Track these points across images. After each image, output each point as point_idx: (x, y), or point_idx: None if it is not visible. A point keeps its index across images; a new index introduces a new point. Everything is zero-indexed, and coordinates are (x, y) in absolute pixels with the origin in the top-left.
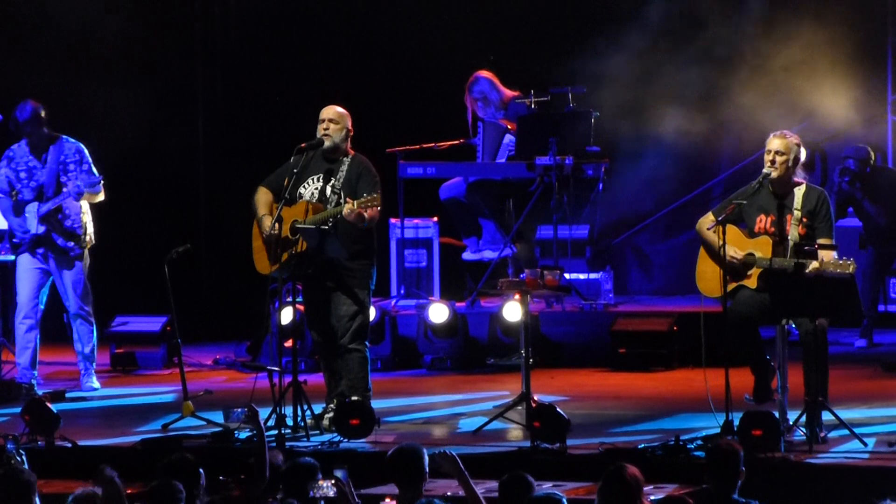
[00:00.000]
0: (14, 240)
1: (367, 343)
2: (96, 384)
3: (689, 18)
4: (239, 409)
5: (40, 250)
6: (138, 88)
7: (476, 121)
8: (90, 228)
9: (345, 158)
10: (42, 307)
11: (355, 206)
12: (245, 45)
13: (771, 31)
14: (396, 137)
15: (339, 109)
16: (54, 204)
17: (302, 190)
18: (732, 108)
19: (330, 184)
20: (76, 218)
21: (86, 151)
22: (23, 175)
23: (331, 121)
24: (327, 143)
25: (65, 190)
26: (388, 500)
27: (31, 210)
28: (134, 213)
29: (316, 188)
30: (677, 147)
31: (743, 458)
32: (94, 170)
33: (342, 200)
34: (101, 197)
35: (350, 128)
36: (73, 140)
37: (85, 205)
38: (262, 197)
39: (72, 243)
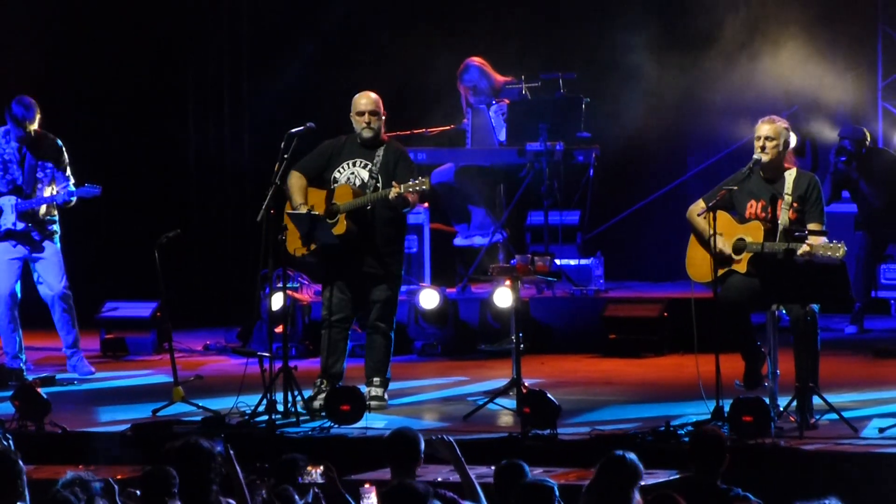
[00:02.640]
0: None
1: (394, 327)
2: (91, 367)
3: (678, 4)
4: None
5: (13, 241)
6: (131, 73)
7: (469, 106)
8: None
9: (381, 144)
10: (19, 295)
11: (402, 190)
12: (236, 27)
13: (760, 15)
14: (387, 123)
15: (375, 97)
16: (37, 204)
17: (337, 175)
18: (722, 92)
19: (367, 169)
20: (52, 216)
21: (63, 150)
22: None
23: (372, 114)
24: (368, 135)
25: (40, 186)
26: (367, 485)
27: (7, 203)
28: (124, 199)
29: (352, 173)
30: (667, 132)
31: (726, 444)
32: (69, 171)
33: (379, 185)
34: (72, 204)
35: (385, 112)
36: (51, 136)
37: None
38: (297, 182)
39: (47, 241)
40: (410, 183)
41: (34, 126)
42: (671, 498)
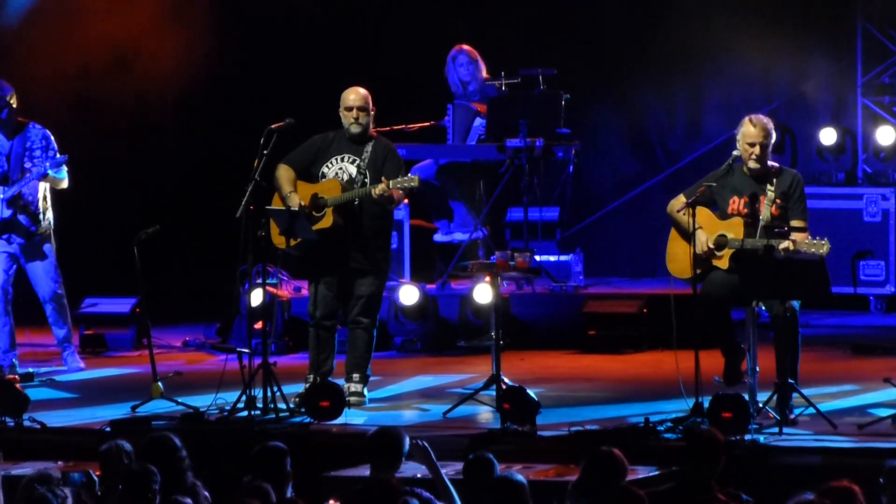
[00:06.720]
0: None
1: (376, 324)
2: (82, 363)
3: (658, 2)
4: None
5: (6, 235)
6: (114, 66)
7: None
8: (49, 214)
9: (370, 140)
10: (11, 290)
11: (389, 186)
12: (216, 23)
13: (741, 11)
14: None
15: (364, 92)
16: (19, 187)
17: (325, 170)
18: (703, 88)
19: (355, 164)
20: (35, 202)
21: (52, 137)
22: None
23: (360, 109)
24: (356, 130)
25: (28, 174)
26: (331, 502)
27: None
28: (103, 195)
29: (340, 168)
30: (648, 129)
31: (722, 445)
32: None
33: (367, 181)
34: (64, 184)
35: (373, 108)
36: (39, 126)
37: (44, 189)
38: (285, 174)
39: (35, 226)
40: (400, 179)
41: (12, 101)
42: (630, 491)
